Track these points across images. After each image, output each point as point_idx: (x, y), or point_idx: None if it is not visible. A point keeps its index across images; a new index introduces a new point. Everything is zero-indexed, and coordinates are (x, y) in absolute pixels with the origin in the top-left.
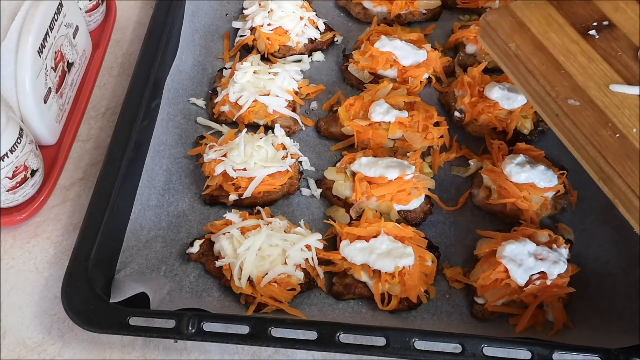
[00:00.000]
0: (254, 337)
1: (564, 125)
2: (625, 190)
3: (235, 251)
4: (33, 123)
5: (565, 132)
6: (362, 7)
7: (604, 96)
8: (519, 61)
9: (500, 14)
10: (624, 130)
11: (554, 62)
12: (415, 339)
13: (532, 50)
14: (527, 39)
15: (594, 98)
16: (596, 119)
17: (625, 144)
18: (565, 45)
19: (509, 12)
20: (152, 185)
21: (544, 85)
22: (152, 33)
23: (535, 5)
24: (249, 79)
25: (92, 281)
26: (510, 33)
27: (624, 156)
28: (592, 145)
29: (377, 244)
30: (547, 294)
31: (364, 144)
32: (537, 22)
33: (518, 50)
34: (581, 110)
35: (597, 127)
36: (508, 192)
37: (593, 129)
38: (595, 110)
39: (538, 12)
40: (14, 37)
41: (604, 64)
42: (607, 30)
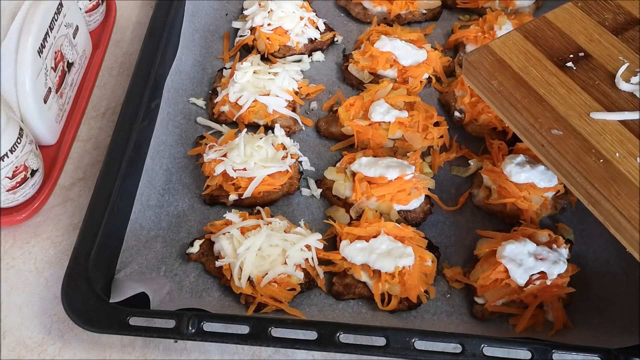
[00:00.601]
0: (254, 337)
1: (549, 154)
2: (613, 213)
3: (235, 251)
4: (33, 123)
5: (552, 161)
6: (362, 7)
7: (585, 124)
8: (502, 97)
9: (481, 54)
10: (607, 155)
11: (535, 95)
12: (415, 339)
13: (513, 86)
14: (508, 76)
15: (576, 127)
16: (580, 147)
17: (610, 168)
18: (545, 79)
19: (489, 51)
20: (152, 185)
21: (527, 118)
22: (152, 33)
23: (513, 42)
24: (249, 79)
25: (92, 281)
26: (491, 71)
27: (609, 180)
28: (579, 172)
29: (377, 244)
30: (547, 294)
31: (364, 144)
32: (516, 59)
33: (500, 87)
34: (565, 139)
35: (581, 154)
36: (508, 192)
37: (578, 156)
38: (579, 138)
39: (516, 49)
40: (14, 37)
41: (583, 93)
42: (584, 61)
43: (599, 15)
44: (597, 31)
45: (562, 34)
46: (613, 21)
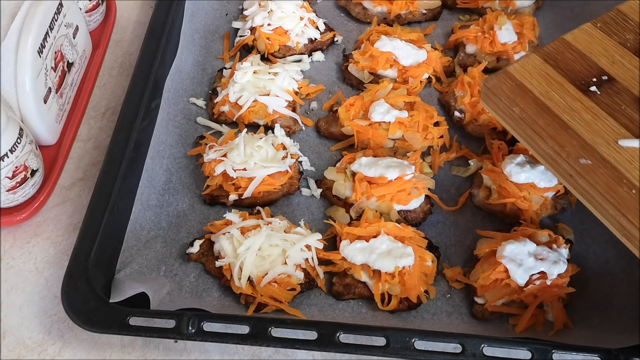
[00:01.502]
0: (254, 337)
1: (579, 185)
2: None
3: (235, 251)
4: (33, 123)
5: (582, 192)
6: (362, 7)
7: (614, 152)
8: (525, 124)
9: (500, 79)
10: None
11: (559, 122)
12: (415, 339)
13: (536, 112)
14: (529, 101)
15: (605, 155)
16: (610, 176)
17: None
18: (568, 104)
19: (508, 76)
20: (152, 185)
21: (553, 147)
22: (152, 33)
23: (533, 66)
24: (249, 79)
25: (92, 281)
26: (512, 97)
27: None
28: (611, 204)
29: (377, 244)
30: (547, 294)
31: (364, 144)
32: (537, 83)
33: (523, 114)
34: (594, 168)
35: (612, 185)
36: (508, 192)
37: (609, 186)
38: (608, 167)
39: (536, 73)
40: (14, 37)
41: (609, 119)
42: (608, 84)
43: (620, 36)
44: (619, 52)
45: (582, 56)
46: (635, 42)
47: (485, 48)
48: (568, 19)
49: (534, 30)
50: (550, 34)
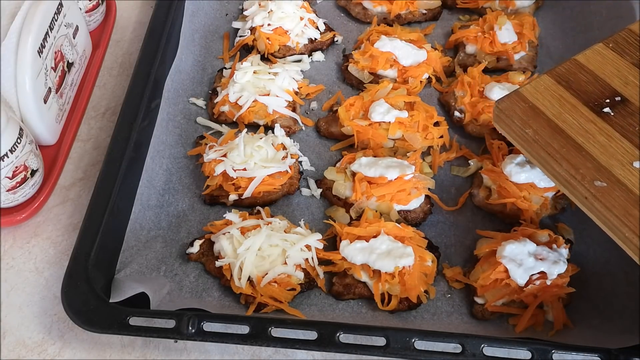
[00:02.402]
0: (254, 337)
1: (594, 207)
2: None
3: (235, 251)
4: (33, 123)
5: (598, 215)
6: (362, 7)
7: (629, 174)
8: (539, 146)
9: (512, 101)
10: None
11: (573, 144)
12: (415, 339)
13: (550, 134)
14: (543, 123)
15: (620, 177)
16: (626, 199)
17: None
18: (582, 126)
19: (521, 98)
20: (152, 185)
21: (567, 169)
22: (152, 33)
23: (545, 87)
24: (249, 79)
25: (92, 281)
26: (525, 119)
27: None
28: (627, 227)
29: (377, 244)
30: (547, 294)
31: (364, 144)
32: (550, 105)
33: (536, 136)
34: (609, 191)
35: (628, 207)
36: (508, 192)
37: (625, 209)
38: (624, 189)
39: (549, 95)
40: (14, 37)
41: (623, 141)
42: (621, 105)
43: (632, 56)
44: (632, 73)
45: (595, 77)
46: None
47: (485, 48)
48: (568, 19)
49: (534, 30)
50: (551, 34)
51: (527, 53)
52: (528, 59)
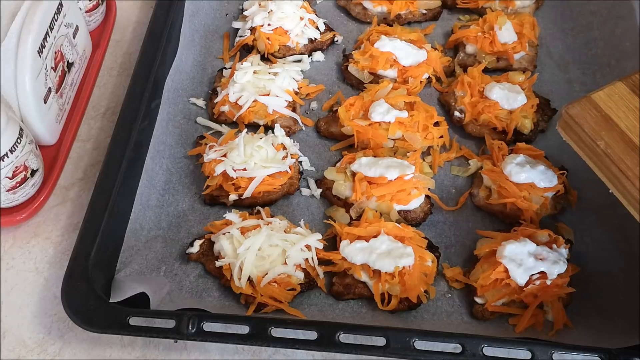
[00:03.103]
0: (254, 337)
1: None
2: None
3: (235, 251)
4: (33, 123)
5: None
6: (362, 7)
7: None
8: (610, 161)
9: (583, 107)
10: None
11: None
12: (415, 339)
13: (623, 150)
14: (616, 136)
15: None
16: None
17: None
18: None
19: (592, 105)
20: (152, 185)
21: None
22: (152, 33)
23: (619, 96)
24: (249, 79)
25: (92, 281)
26: (597, 129)
27: None
28: None
29: (377, 244)
30: (547, 294)
31: (364, 144)
32: (625, 117)
33: (608, 149)
34: None
35: None
36: (508, 192)
37: None
38: None
39: (624, 105)
40: (14, 37)
41: None
42: None
43: None
44: None
45: None
46: None
47: (485, 48)
48: (568, 19)
49: (534, 30)
50: (550, 34)
51: (527, 53)
52: (528, 59)
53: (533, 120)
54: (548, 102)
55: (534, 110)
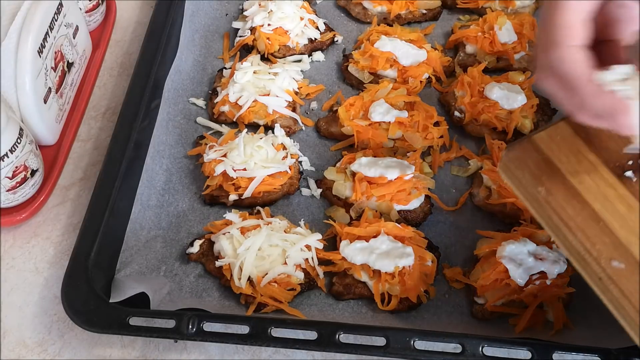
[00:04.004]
0: (254, 337)
1: (608, 290)
2: None
3: (235, 251)
4: (33, 123)
5: (611, 300)
6: (362, 7)
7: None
8: (551, 209)
9: (524, 149)
10: None
11: (590, 212)
12: (415, 339)
13: (564, 197)
14: (557, 182)
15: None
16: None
17: None
18: (601, 190)
19: (534, 147)
20: (152, 185)
21: (582, 242)
22: (152, 33)
23: (562, 138)
24: (249, 79)
25: (92, 281)
26: (538, 174)
27: None
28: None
29: (377, 244)
30: (547, 294)
31: (364, 144)
32: (567, 161)
33: (549, 197)
34: (627, 274)
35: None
36: (508, 192)
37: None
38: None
39: (566, 148)
40: (14, 37)
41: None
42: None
43: None
44: None
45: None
46: None
47: (485, 48)
48: None
49: (534, 31)
50: None
51: (527, 53)
52: (528, 59)
53: (533, 120)
54: (548, 102)
55: (534, 110)
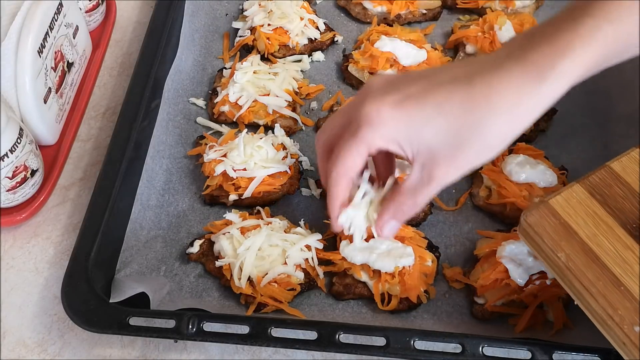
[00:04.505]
0: (254, 337)
1: (633, 355)
2: None
3: (235, 251)
4: (33, 123)
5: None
6: (362, 7)
7: None
8: (572, 275)
9: (542, 215)
10: None
11: (610, 277)
12: (415, 339)
13: (584, 262)
14: (576, 247)
15: None
16: None
17: None
18: (619, 253)
19: (551, 212)
20: (152, 185)
21: (604, 307)
22: (152, 33)
23: (578, 201)
24: (249, 79)
25: (92, 281)
26: (556, 239)
27: None
28: None
29: (377, 244)
30: (547, 293)
31: None
32: (584, 224)
33: (569, 262)
34: None
35: None
36: (508, 192)
37: None
38: None
39: (582, 211)
40: (14, 37)
41: None
42: None
43: None
44: None
45: (632, 192)
46: None
47: (485, 48)
48: None
49: None
50: None
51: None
52: None
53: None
54: None
55: None
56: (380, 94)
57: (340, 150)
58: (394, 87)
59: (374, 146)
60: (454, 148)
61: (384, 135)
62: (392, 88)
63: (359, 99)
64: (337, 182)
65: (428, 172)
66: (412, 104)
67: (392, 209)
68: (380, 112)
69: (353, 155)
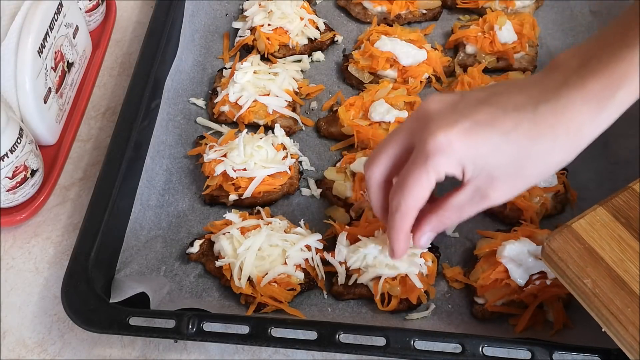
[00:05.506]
0: (254, 337)
1: None
2: None
3: (235, 251)
4: (33, 123)
5: None
6: (362, 7)
7: None
8: (599, 302)
9: (565, 240)
10: None
11: (639, 303)
12: (415, 339)
13: (611, 288)
14: (603, 272)
15: None
16: None
17: None
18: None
19: (574, 236)
20: (152, 185)
21: (633, 335)
22: (152, 33)
23: (602, 225)
24: (249, 79)
25: (92, 281)
26: (582, 265)
27: None
28: None
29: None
30: (547, 294)
31: (364, 144)
32: (610, 249)
33: (596, 289)
34: None
35: None
36: None
37: None
38: None
39: (607, 235)
40: (14, 37)
41: None
42: None
43: None
44: None
45: None
46: None
47: (485, 48)
48: (568, 19)
49: (534, 30)
50: (550, 34)
51: (527, 53)
52: (528, 59)
53: None
54: None
55: None
56: (447, 121)
57: (408, 181)
58: (458, 112)
59: (443, 173)
60: (515, 174)
61: (452, 162)
62: (457, 114)
63: (418, 125)
64: (406, 215)
65: (482, 193)
66: (480, 132)
67: (435, 221)
68: (450, 140)
69: (423, 185)
